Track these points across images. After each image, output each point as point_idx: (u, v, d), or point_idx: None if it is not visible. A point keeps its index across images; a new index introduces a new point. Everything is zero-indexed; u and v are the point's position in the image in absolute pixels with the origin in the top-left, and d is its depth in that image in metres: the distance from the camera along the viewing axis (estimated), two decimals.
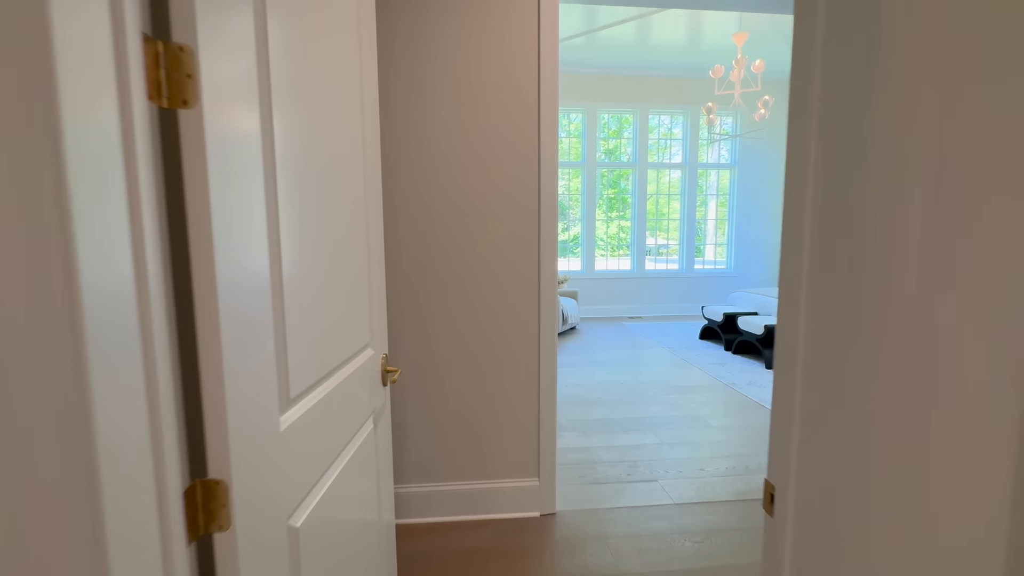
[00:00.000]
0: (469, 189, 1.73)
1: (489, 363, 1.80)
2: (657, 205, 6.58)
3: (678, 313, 6.62)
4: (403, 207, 1.70)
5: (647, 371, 3.92)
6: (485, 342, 1.80)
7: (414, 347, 1.77)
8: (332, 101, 0.85)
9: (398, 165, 1.68)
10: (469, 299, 1.77)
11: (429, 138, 1.69)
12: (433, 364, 1.78)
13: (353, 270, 1.01)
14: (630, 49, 5.51)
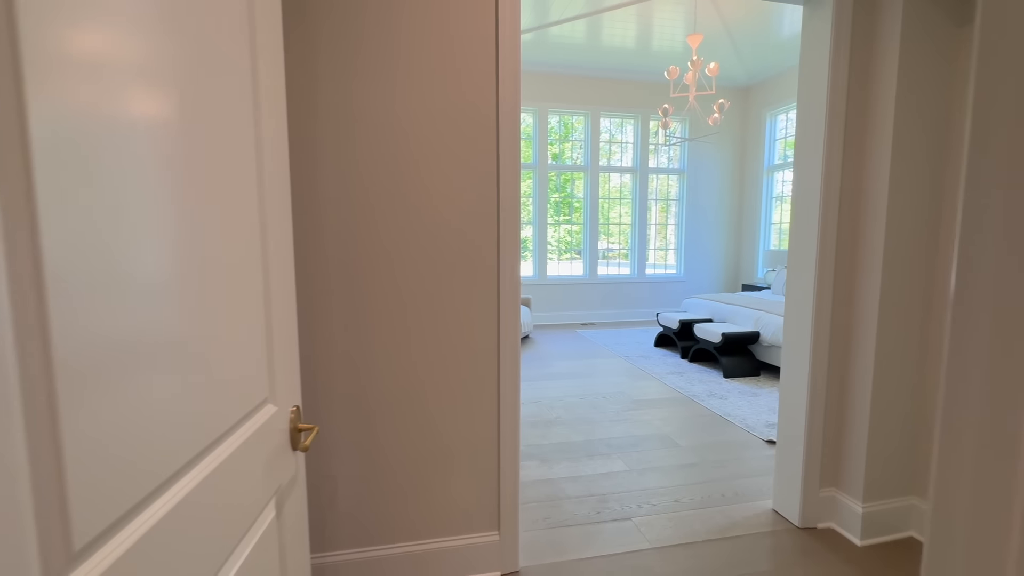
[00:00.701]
0: (416, 190, 1.41)
1: (439, 397, 1.49)
2: (608, 209, 6.48)
3: (631, 319, 6.54)
4: (331, 209, 1.36)
5: (606, 383, 3.72)
6: (434, 372, 1.48)
7: (345, 382, 1.42)
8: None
9: (322, 162, 1.34)
10: (416, 320, 1.45)
11: (358, 116, 1.36)
12: (370, 401, 1.44)
13: (241, 303, 0.68)
14: (581, 49, 5.36)
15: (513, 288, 1.52)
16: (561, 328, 6.01)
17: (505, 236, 1.49)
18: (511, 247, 1.50)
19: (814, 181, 1.75)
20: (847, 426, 1.81)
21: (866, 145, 1.71)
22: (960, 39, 1.62)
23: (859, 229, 1.74)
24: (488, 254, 1.49)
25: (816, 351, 1.78)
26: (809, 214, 1.77)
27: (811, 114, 1.76)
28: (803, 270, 1.81)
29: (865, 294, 1.72)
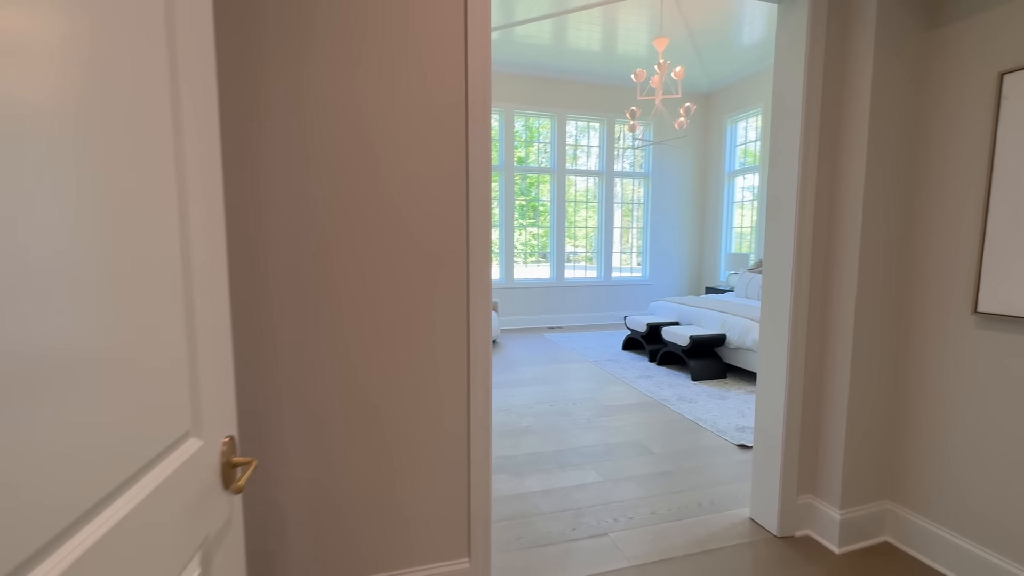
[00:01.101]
0: (379, 187, 1.27)
1: (403, 413, 1.35)
2: (574, 212, 6.45)
3: (598, 322, 6.53)
4: (281, 209, 1.21)
5: (576, 389, 3.64)
6: (397, 385, 1.34)
7: (293, 402, 1.26)
8: None
9: (269, 156, 1.19)
10: (377, 330, 1.31)
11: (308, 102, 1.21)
12: (324, 420, 1.29)
13: (151, 315, 0.53)
14: (547, 50, 5.31)
15: (484, 294, 1.40)
16: (529, 332, 5.93)
17: (475, 237, 1.37)
18: (481, 249, 1.39)
19: (790, 184, 1.71)
20: (824, 431, 1.79)
21: (841, 148, 1.69)
22: (928, 43, 1.62)
23: (834, 232, 1.72)
24: (456, 257, 1.37)
25: (793, 355, 1.75)
26: (785, 217, 1.74)
27: (786, 116, 1.73)
28: (779, 274, 1.77)
29: (841, 297, 1.70)
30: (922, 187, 1.65)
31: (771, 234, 1.80)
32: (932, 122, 1.61)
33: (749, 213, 6.20)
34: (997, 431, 1.49)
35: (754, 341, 3.66)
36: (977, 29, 1.49)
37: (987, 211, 1.47)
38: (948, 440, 1.61)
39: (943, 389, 1.62)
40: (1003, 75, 1.43)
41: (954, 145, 1.56)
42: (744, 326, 3.78)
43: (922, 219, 1.65)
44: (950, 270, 1.57)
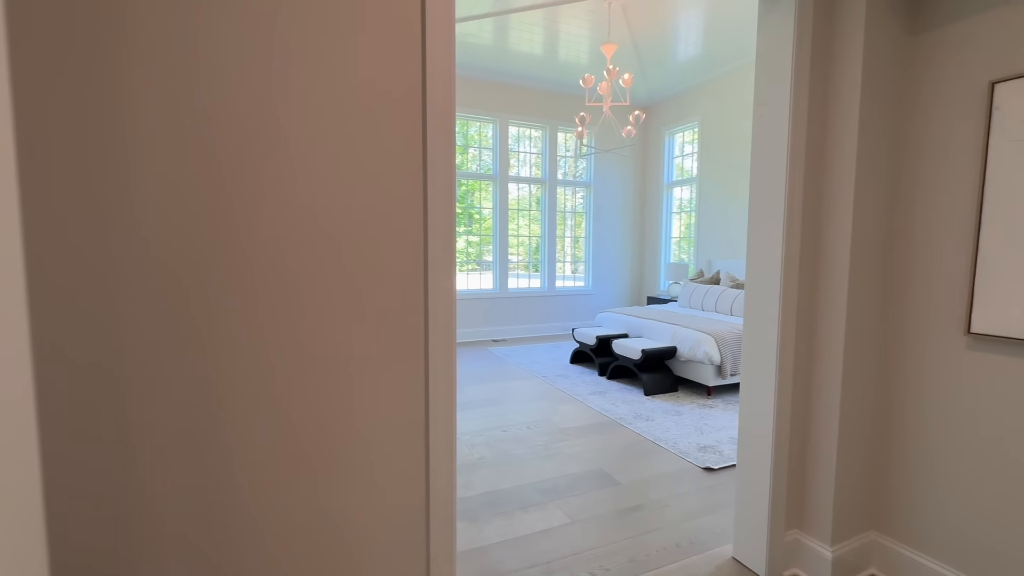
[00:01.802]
0: (305, 181, 0.95)
1: (340, 476, 1.03)
2: (517, 219, 6.26)
3: (543, 334, 6.35)
4: (161, 207, 0.85)
5: (528, 410, 3.40)
6: (321, 457, 1.02)
7: (182, 465, 0.90)
8: None
9: (140, 139, 0.83)
10: (297, 379, 0.98)
11: None
12: (227, 492, 0.94)
13: None
14: (489, 51, 5.09)
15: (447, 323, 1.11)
16: (472, 346, 5.63)
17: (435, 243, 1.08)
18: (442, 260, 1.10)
19: (776, 195, 1.57)
20: (812, 459, 1.66)
21: (828, 153, 1.57)
22: (915, 47, 1.55)
23: (822, 242, 1.60)
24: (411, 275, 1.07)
25: (782, 376, 1.60)
26: (772, 226, 1.60)
27: (770, 122, 1.59)
28: (765, 290, 1.63)
29: (829, 316, 1.58)
30: (910, 201, 1.56)
31: (755, 243, 1.66)
32: (920, 132, 1.53)
33: (686, 223, 6.32)
34: (988, 457, 1.41)
35: (705, 353, 3.61)
36: (967, 35, 1.42)
37: (979, 227, 1.40)
38: (937, 466, 1.53)
39: (932, 412, 1.53)
40: (995, 84, 1.36)
41: (943, 157, 1.48)
42: (695, 338, 3.73)
43: (910, 235, 1.56)
44: (941, 288, 1.49)
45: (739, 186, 5.34)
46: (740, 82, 5.29)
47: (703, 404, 3.54)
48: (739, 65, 5.25)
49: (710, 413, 3.35)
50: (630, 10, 4.16)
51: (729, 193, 5.47)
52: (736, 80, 5.34)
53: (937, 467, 1.52)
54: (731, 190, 5.44)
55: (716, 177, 5.64)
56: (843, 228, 1.53)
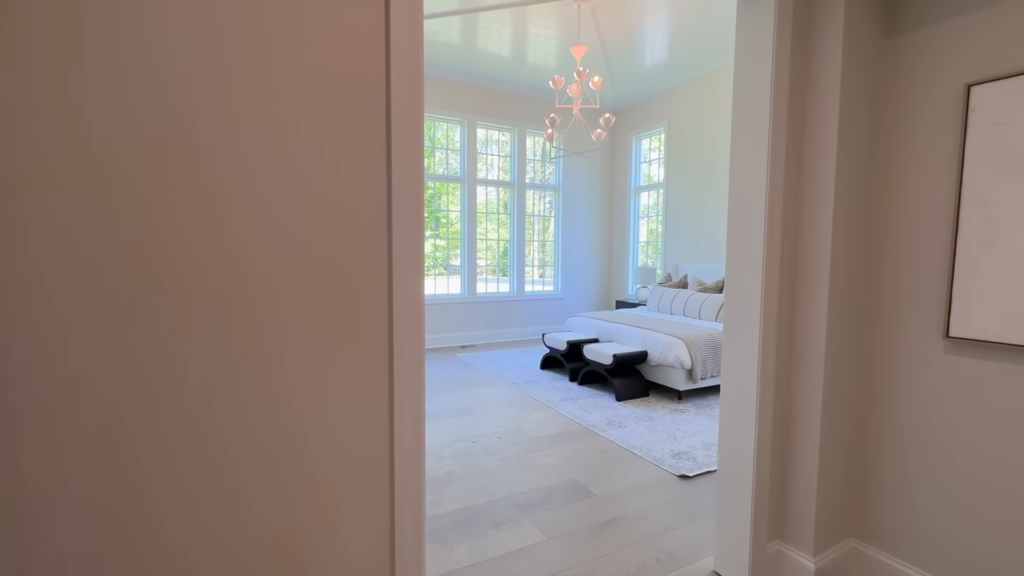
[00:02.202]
0: (242, 164, 0.82)
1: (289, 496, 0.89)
2: (485, 222, 6.15)
3: (512, 339, 6.26)
4: (56, 191, 0.70)
5: (499, 419, 3.29)
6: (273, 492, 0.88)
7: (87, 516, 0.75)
8: None
9: (35, 107, 0.69)
10: (233, 411, 0.84)
11: None
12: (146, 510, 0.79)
13: None
14: (457, 51, 4.98)
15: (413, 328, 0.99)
16: (440, 352, 5.47)
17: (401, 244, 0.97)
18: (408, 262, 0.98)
19: (757, 195, 1.53)
20: (793, 466, 1.62)
21: (807, 157, 1.54)
22: (887, 50, 1.54)
23: (801, 248, 1.57)
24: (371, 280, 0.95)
25: (763, 385, 1.56)
26: (752, 228, 1.55)
27: (752, 120, 1.55)
28: (747, 294, 1.58)
29: (810, 317, 1.54)
30: (887, 205, 1.55)
31: (735, 245, 1.61)
32: (896, 135, 1.52)
33: (653, 227, 6.37)
34: (968, 465, 1.40)
35: (676, 358, 3.60)
36: (942, 38, 1.42)
37: (957, 229, 1.39)
38: (913, 472, 1.51)
39: (910, 418, 1.52)
40: (970, 87, 1.35)
41: (920, 160, 1.47)
42: (666, 342, 3.71)
43: (888, 239, 1.55)
44: (919, 292, 1.48)
45: (706, 191, 5.41)
46: (707, 88, 5.37)
47: (675, 409, 3.52)
48: (706, 72, 5.33)
49: (682, 418, 3.33)
50: (600, 13, 4.14)
51: (696, 198, 5.54)
52: (703, 86, 5.42)
53: (914, 473, 1.51)
54: (698, 195, 5.51)
55: (683, 182, 5.71)
56: (823, 233, 1.50)
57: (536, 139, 6.33)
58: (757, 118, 1.53)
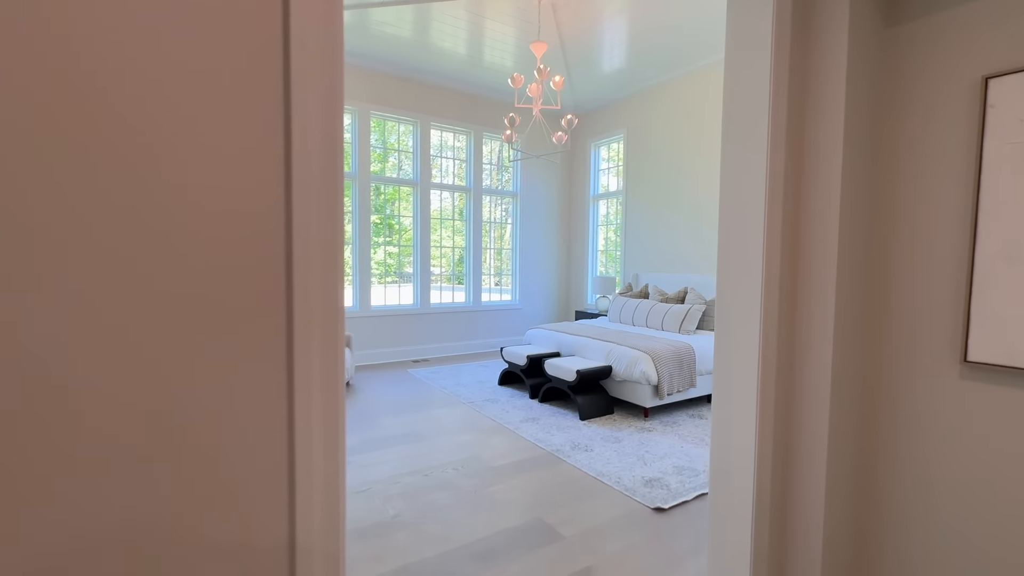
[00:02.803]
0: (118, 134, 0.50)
1: None
2: (440, 228, 5.83)
3: (468, 352, 5.94)
4: None
5: (454, 445, 2.97)
6: None
7: None
8: None
9: None
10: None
11: None
12: None
13: None
14: (409, 45, 4.67)
15: (327, 338, 0.70)
16: (389, 368, 5.07)
17: (306, 228, 0.67)
18: (318, 254, 0.69)
19: (755, 199, 1.33)
20: (795, 500, 1.41)
21: (808, 158, 1.36)
22: (890, 41, 1.38)
23: (802, 255, 1.37)
24: (258, 284, 0.65)
25: (763, 400, 1.34)
26: (749, 239, 1.34)
27: (748, 116, 1.35)
28: (742, 306, 1.37)
29: (814, 333, 1.35)
30: (894, 213, 1.38)
31: (731, 263, 1.40)
32: (902, 134, 1.36)
33: (613, 235, 6.26)
34: (991, 502, 1.23)
35: (642, 373, 3.41)
36: (954, 26, 1.27)
37: (975, 241, 1.23)
38: (928, 509, 1.34)
39: (925, 448, 1.35)
40: (988, 79, 1.20)
41: (929, 164, 1.31)
42: (631, 357, 3.52)
43: (896, 250, 1.38)
44: (932, 311, 1.31)
45: (667, 199, 5.33)
46: (667, 95, 5.31)
47: (642, 428, 3.33)
48: (667, 79, 5.27)
49: (650, 438, 3.13)
50: (560, 9, 3.95)
51: (656, 206, 5.46)
52: (663, 93, 5.35)
53: (926, 510, 1.34)
54: (659, 203, 5.43)
55: (643, 190, 5.62)
56: (827, 244, 1.31)
57: (493, 143, 6.09)
58: (754, 114, 1.33)
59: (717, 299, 1.45)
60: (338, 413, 0.74)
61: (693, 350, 3.69)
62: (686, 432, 3.25)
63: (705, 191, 4.92)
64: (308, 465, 0.72)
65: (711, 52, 4.62)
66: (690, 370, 3.64)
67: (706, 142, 4.89)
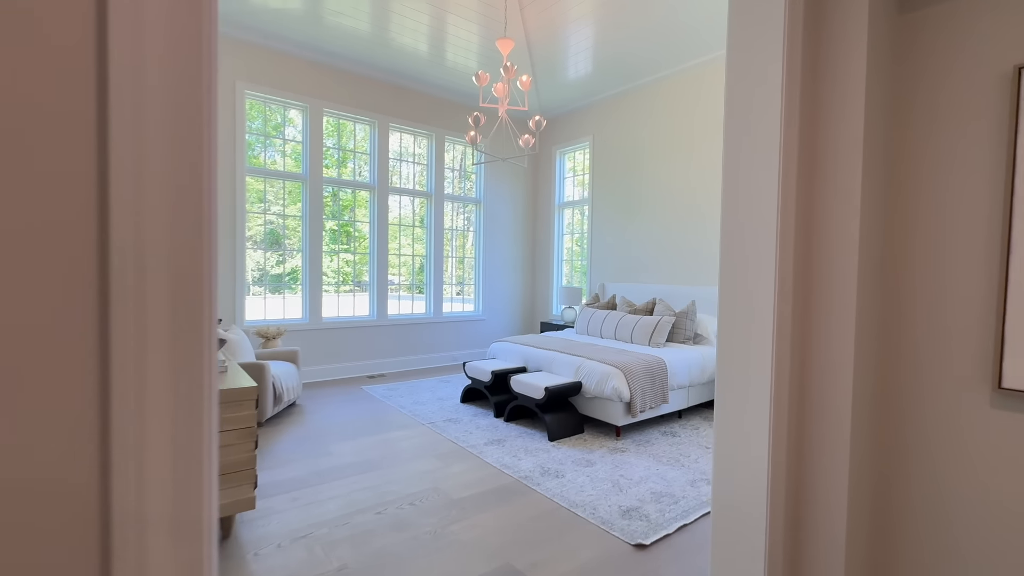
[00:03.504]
0: None
1: None
2: (399, 235, 5.51)
3: (429, 365, 5.62)
4: None
5: (411, 475, 2.67)
6: None
7: None
8: None
9: None
10: None
11: None
12: None
13: None
14: (366, 40, 4.38)
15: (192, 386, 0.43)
16: (342, 384, 4.69)
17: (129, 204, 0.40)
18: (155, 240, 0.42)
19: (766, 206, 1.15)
20: (809, 532, 1.22)
21: (824, 157, 1.19)
22: (902, 26, 1.24)
23: (817, 267, 1.20)
24: None
25: (776, 427, 1.15)
26: (761, 248, 1.16)
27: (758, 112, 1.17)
28: (755, 322, 1.18)
29: (833, 344, 1.17)
30: (916, 222, 1.23)
31: (736, 271, 1.21)
32: (921, 132, 1.22)
33: (578, 245, 6.12)
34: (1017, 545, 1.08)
35: (614, 389, 3.22)
36: (982, 10, 1.13)
37: (1008, 253, 1.08)
38: (952, 552, 1.18)
39: (950, 480, 1.19)
40: (1022, 69, 1.07)
41: (952, 166, 1.17)
42: (602, 372, 3.33)
43: (915, 263, 1.23)
44: (959, 332, 1.16)
45: (635, 207, 5.23)
46: (635, 102, 5.23)
47: (614, 448, 3.13)
48: (635, 86, 5.19)
49: (624, 460, 2.93)
50: (527, 7, 3.78)
51: (623, 214, 5.35)
52: (631, 100, 5.27)
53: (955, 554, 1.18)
54: (626, 212, 5.32)
55: (609, 199, 5.51)
56: (847, 254, 1.14)
57: (456, 147, 5.84)
58: (764, 108, 1.15)
59: (720, 310, 1.25)
60: (203, 454, 0.48)
61: (665, 364, 3.55)
62: (660, 452, 3.07)
63: (673, 200, 4.84)
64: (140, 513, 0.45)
65: (680, 59, 4.56)
66: (662, 385, 3.48)
67: (675, 150, 4.82)
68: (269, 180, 4.60)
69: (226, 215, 4.29)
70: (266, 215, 4.64)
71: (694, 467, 2.84)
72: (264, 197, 4.63)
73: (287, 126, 4.71)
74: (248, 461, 1.89)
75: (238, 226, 4.33)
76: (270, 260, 4.75)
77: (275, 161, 4.67)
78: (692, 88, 4.65)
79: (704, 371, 3.85)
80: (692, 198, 4.68)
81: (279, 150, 4.69)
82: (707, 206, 4.56)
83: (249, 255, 4.62)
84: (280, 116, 4.66)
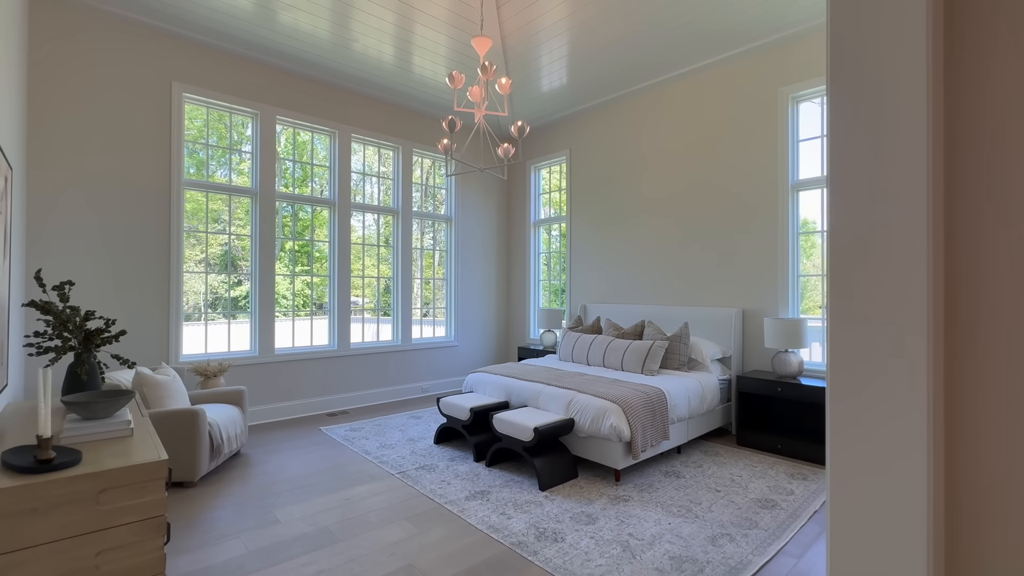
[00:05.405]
0: None
1: None
2: (363, 255, 5.02)
3: (396, 399, 5.09)
4: None
5: (379, 545, 2.18)
6: None
7: None
8: None
9: None
10: None
11: None
12: None
13: None
14: (326, 45, 3.96)
15: None
16: (297, 426, 4.11)
17: None
18: None
19: (915, 204, 0.80)
20: None
21: (965, 137, 0.85)
22: None
23: (960, 257, 0.85)
24: None
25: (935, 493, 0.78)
26: (904, 264, 0.80)
27: (892, 93, 0.82)
28: (898, 334, 0.81)
29: (992, 364, 0.82)
30: None
31: (847, 267, 0.84)
32: None
33: (556, 264, 5.78)
34: None
35: (612, 428, 2.84)
36: None
37: None
38: None
39: None
40: None
41: None
42: (597, 408, 2.94)
43: None
44: None
45: (617, 225, 4.94)
46: (614, 114, 4.98)
47: (615, 497, 2.72)
48: (614, 96, 4.95)
49: (629, 513, 2.53)
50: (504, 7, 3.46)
51: (605, 232, 5.05)
52: (610, 112, 5.03)
53: None
54: (608, 229, 5.03)
55: (589, 215, 5.21)
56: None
57: (425, 160, 5.44)
58: (901, 47, 0.81)
59: (832, 330, 0.88)
60: None
61: (665, 396, 3.19)
62: (667, 500, 2.69)
63: (659, 215, 4.58)
64: None
65: (670, 65, 4.34)
66: (663, 420, 3.12)
67: (661, 162, 4.58)
68: (217, 195, 4.06)
69: (158, 234, 3.70)
70: (208, 234, 4.08)
71: (708, 517, 2.47)
72: (219, 216, 4.08)
73: (234, 134, 4.20)
74: (152, 565, 1.38)
75: (173, 246, 3.75)
76: (220, 284, 4.18)
77: (216, 174, 4.13)
78: (679, 97, 4.44)
79: (704, 400, 3.52)
80: (681, 213, 4.42)
81: (222, 162, 4.16)
82: (699, 220, 4.31)
83: (199, 279, 4.04)
84: (227, 123, 4.15)
